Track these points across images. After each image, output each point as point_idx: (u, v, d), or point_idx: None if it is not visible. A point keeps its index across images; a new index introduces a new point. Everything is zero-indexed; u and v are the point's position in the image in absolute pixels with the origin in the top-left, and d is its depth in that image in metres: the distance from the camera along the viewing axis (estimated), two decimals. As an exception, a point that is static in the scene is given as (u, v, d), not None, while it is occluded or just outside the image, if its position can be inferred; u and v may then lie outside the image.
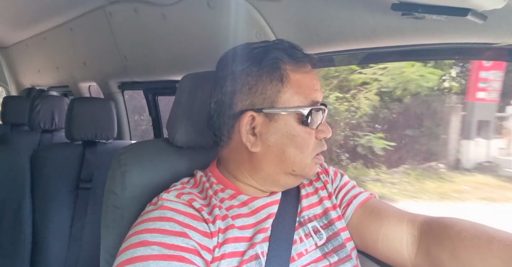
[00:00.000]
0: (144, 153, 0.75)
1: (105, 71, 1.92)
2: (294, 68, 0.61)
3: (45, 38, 2.20)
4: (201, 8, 1.06)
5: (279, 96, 0.60)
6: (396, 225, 0.65)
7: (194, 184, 0.66)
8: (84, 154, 1.44)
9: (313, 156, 0.63)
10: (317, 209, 0.69)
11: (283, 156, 0.61)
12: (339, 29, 0.80)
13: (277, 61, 0.61)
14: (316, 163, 0.64)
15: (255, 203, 0.63)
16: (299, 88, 0.60)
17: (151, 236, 0.52)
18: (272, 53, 0.61)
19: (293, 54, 0.62)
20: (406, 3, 0.58)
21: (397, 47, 0.77)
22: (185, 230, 0.54)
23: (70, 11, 1.69)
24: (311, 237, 0.65)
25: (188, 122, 0.74)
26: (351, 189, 0.73)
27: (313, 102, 0.61)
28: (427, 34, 0.68)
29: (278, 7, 0.89)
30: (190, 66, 1.32)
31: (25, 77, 3.06)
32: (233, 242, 0.57)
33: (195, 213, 0.57)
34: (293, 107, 0.60)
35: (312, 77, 0.63)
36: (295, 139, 0.60)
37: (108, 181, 0.73)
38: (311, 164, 0.63)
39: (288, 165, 0.62)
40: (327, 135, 0.63)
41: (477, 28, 0.60)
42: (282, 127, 0.60)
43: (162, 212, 0.56)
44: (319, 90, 0.63)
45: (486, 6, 0.52)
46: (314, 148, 0.62)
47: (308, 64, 0.63)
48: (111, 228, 0.69)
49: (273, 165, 0.62)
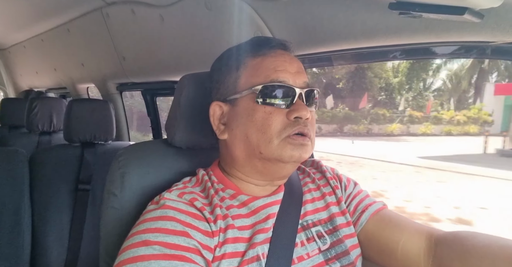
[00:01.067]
0: (143, 154, 0.75)
1: (103, 72, 1.91)
2: (253, 54, 0.63)
3: (43, 39, 2.19)
4: (199, 9, 1.06)
5: (237, 82, 0.63)
6: (415, 236, 0.66)
7: (196, 182, 0.66)
8: (82, 155, 1.44)
9: (283, 136, 0.59)
10: (322, 213, 0.68)
11: (246, 139, 0.61)
12: (337, 28, 0.80)
13: (237, 52, 0.65)
14: (291, 144, 0.59)
15: (254, 203, 0.63)
16: (256, 70, 0.62)
17: (153, 236, 0.52)
18: (237, 47, 0.66)
19: (257, 43, 0.64)
20: (404, 2, 0.58)
21: (395, 46, 0.77)
22: (187, 230, 0.54)
23: (67, 13, 1.69)
24: (314, 242, 0.64)
25: (187, 123, 0.74)
26: (365, 197, 0.73)
27: (273, 81, 0.60)
28: (424, 33, 0.68)
29: (276, 7, 0.89)
30: (189, 67, 1.32)
31: (23, 79, 3.05)
32: (232, 242, 0.57)
33: (196, 212, 0.57)
34: (247, 88, 0.61)
35: (275, 59, 0.62)
36: (254, 119, 0.60)
37: (107, 182, 0.72)
38: (281, 145, 0.59)
39: (254, 147, 0.60)
40: (299, 113, 0.59)
41: (474, 27, 0.61)
42: (241, 110, 0.62)
43: (164, 211, 0.56)
44: (284, 70, 0.61)
45: (483, 4, 0.52)
46: (283, 128, 0.59)
47: (276, 49, 0.64)
48: (111, 229, 0.69)
49: (242, 150, 0.62)
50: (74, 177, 1.39)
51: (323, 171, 0.76)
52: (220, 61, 0.68)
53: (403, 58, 0.93)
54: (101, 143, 1.52)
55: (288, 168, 0.63)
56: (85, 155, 1.44)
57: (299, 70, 0.63)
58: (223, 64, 0.66)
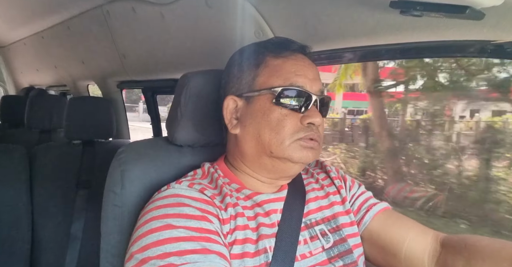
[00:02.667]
0: (144, 152, 0.75)
1: (103, 70, 1.91)
2: (275, 54, 0.64)
3: (43, 37, 2.19)
4: (200, 7, 1.05)
5: (256, 80, 0.64)
6: (421, 237, 0.67)
7: (203, 174, 0.67)
8: (83, 153, 1.44)
9: (295, 138, 0.61)
10: (325, 212, 0.69)
11: (259, 137, 0.62)
12: (338, 27, 0.80)
13: (258, 50, 0.66)
14: (302, 146, 0.61)
15: (258, 197, 0.64)
16: (276, 71, 0.63)
17: (174, 220, 0.52)
18: (258, 44, 0.68)
19: (279, 43, 0.66)
20: (404, 1, 0.58)
21: (395, 44, 0.77)
22: (205, 215, 0.55)
23: (68, 10, 1.68)
24: (318, 240, 0.65)
25: (187, 121, 0.74)
26: (369, 198, 0.75)
27: (292, 85, 0.61)
28: (425, 31, 0.68)
29: (277, 5, 0.89)
30: (189, 65, 1.32)
31: (23, 76, 3.05)
32: (242, 229, 0.58)
33: (208, 199, 0.58)
34: (266, 88, 0.62)
35: (296, 63, 0.63)
36: (269, 119, 0.61)
37: (107, 180, 0.73)
38: (292, 146, 0.61)
39: (265, 146, 0.62)
40: (313, 120, 0.61)
41: (475, 26, 0.60)
42: (257, 108, 0.63)
43: (178, 198, 0.56)
44: (304, 76, 0.62)
45: (485, 3, 0.52)
46: (296, 131, 0.61)
47: (297, 53, 0.65)
48: (111, 226, 0.69)
49: (253, 147, 0.63)
50: (74, 175, 1.40)
51: (327, 171, 0.76)
52: (240, 56, 0.69)
53: (404, 57, 0.93)
54: (101, 140, 1.52)
55: (296, 168, 0.65)
56: (85, 153, 1.44)
57: (316, 76, 0.65)
58: (243, 59, 0.67)
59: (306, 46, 0.68)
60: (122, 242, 0.66)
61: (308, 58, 0.67)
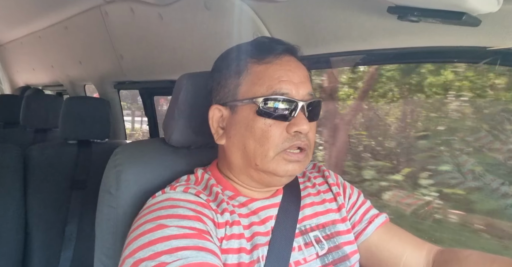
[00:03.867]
0: (140, 152, 0.75)
1: (100, 70, 1.90)
2: (257, 60, 0.60)
3: (40, 36, 2.18)
4: (198, 9, 1.06)
5: (238, 89, 0.61)
6: (417, 251, 0.69)
7: (196, 181, 0.65)
8: (78, 153, 1.43)
9: (280, 150, 0.58)
10: (321, 218, 0.68)
11: (244, 148, 0.60)
12: (336, 31, 0.81)
13: (240, 55, 0.62)
14: (286, 160, 0.58)
15: (253, 204, 0.63)
16: (259, 79, 0.59)
17: (167, 221, 0.51)
18: (240, 49, 0.64)
19: (262, 47, 0.61)
20: (402, 7, 0.59)
21: (393, 49, 0.78)
22: (199, 215, 0.54)
23: (65, 10, 1.68)
24: (312, 246, 0.64)
25: (184, 122, 0.74)
26: (370, 208, 0.74)
27: (276, 93, 0.57)
28: (422, 37, 0.69)
29: (275, 8, 0.90)
30: (187, 67, 1.32)
31: (20, 75, 3.03)
32: (238, 238, 0.57)
33: (204, 202, 0.58)
34: (248, 98, 0.59)
35: (280, 68, 0.59)
36: (253, 130, 0.58)
37: (103, 180, 0.72)
38: (277, 159, 0.58)
39: (250, 158, 0.59)
40: (299, 128, 0.57)
41: (471, 32, 0.61)
42: (241, 119, 0.60)
43: (172, 202, 0.55)
44: (288, 81, 0.58)
45: (481, 10, 0.53)
46: (281, 142, 0.58)
47: (283, 56, 0.61)
48: (106, 228, 0.69)
49: (239, 158, 0.61)
50: (69, 175, 1.38)
51: (325, 176, 0.75)
52: (222, 62, 0.65)
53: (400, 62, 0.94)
54: (97, 141, 1.51)
55: (283, 180, 0.63)
56: (81, 153, 1.43)
57: (303, 79, 0.61)
58: (224, 66, 0.64)
59: (293, 47, 0.64)
60: (116, 244, 0.66)
61: (296, 58, 0.64)
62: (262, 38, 0.65)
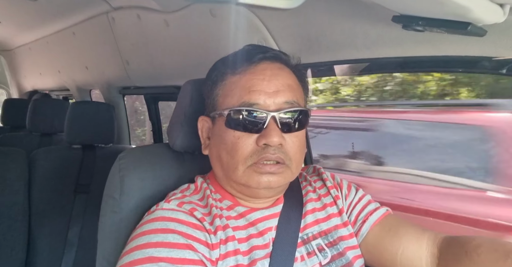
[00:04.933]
0: (144, 157, 0.75)
1: (106, 76, 1.92)
2: (232, 70, 0.60)
3: (48, 42, 2.21)
4: (204, 16, 1.07)
5: (216, 100, 0.61)
6: (415, 244, 0.63)
7: (195, 190, 0.64)
8: (83, 157, 1.43)
9: (249, 163, 0.56)
10: (322, 225, 0.66)
11: (220, 160, 0.59)
12: (340, 39, 0.81)
13: (220, 67, 0.63)
14: (256, 172, 0.56)
15: (252, 215, 0.61)
16: (231, 90, 0.58)
17: (156, 251, 0.50)
18: (222, 61, 0.64)
19: (240, 55, 0.61)
20: (407, 16, 0.59)
21: (397, 58, 0.78)
22: (190, 242, 0.52)
23: (73, 16, 1.70)
24: (315, 256, 0.61)
25: (189, 127, 0.74)
26: (366, 204, 0.70)
27: (244, 104, 0.56)
28: (427, 46, 0.69)
29: (280, 16, 0.91)
30: (192, 73, 1.32)
31: (27, 80, 3.07)
32: (234, 255, 0.55)
33: (197, 223, 0.55)
34: (221, 109, 0.59)
35: (253, 77, 0.57)
36: (225, 142, 0.58)
37: (107, 185, 0.72)
38: (247, 172, 0.56)
39: (225, 170, 0.59)
40: (267, 140, 0.55)
41: (477, 42, 0.61)
42: (217, 130, 0.60)
43: (164, 223, 0.53)
44: (259, 91, 0.56)
45: (486, 20, 0.53)
46: (249, 155, 0.56)
47: (263, 63, 0.58)
48: (109, 233, 0.68)
49: (219, 170, 0.61)
50: (73, 179, 1.39)
51: (323, 179, 0.73)
52: (208, 74, 0.66)
53: (404, 71, 0.94)
54: (102, 145, 1.52)
55: (263, 192, 0.60)
56: (85, 157, 1.44)
57: (280, 88, 0.57)
58: (208, 77, 0.64)
59: (276, 54, 0.61)
60: (118, 250, 0.65)
61: (284, 65, 0.61)
62: (247, 47, 0.63)
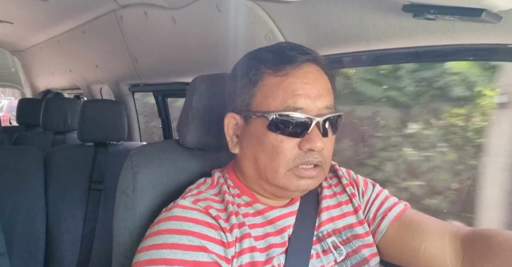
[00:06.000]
0: (155, 154, 0.76)
1: (116, 73, 1.95)
2: (273, 71, 0.57)
3: (59, 41, 2.25)
4: (211, 11, 1.06)
5: (253, 100, 0.59)
6: (437, 239, 0.62)
7: (211, 184, 0.64)
8: (95, 155, 1.46)
9: (291, 166, 0.56)
10: (337, 223, 0.66)
11: (255, 161, 0.59)
12: (349, 30, 0.80)
13: (256, 64, 0.60)
14: (297, 176, 0.56)
15: (271, 213, 0.61)
16: (273, 92, 0.57)
17: (172, 253, 0.51)
18: (257, 55, 0.62)
19: (280, 55, 0.58)
20: (418, 4, 0.57)
21: (408, 48, 0.76)
22: (204, 243, 0.52)
23: (82, 15, 1.72)
24: (331, 253, 0.62)
25: (198, 124, 0.75)
26: (384, 200, 0.70)
27: (289, 108, 0.55)
28: (439, 35, 0.67)
29: (287, 9, 0.89)
30: (200, 69, 1.33)
31: (40, 79, 3.13)
32: (249, 252, 0.55)
33: (212, 222, 0.56)
34: (261, 111, 0.57)
35: (296, 81, 0.56)
36: (264, 144, 0.57)
37: (119, 182, 0.74)
38: (288, 175, 0.57)
39: (261, 171, 0.58)
40: (312, 146, 0.55)
41: (491, 29, 0.59)
42: (253, 131, 0.59)
43: (179, 224, 0.54)
44: (304, 95, 0.56)
45: (501, 6, 0.51)
46: (292, 159, 0.56)
47: (302, 66, 0.57)
48: (123, 228, 0.70)
49: (251, 169, 0.60)
50: (87, 176, 1.42)
51: (339, 176, 0.73)
52: (237, 69, 0.63)
53: (416, 61, 0.92)
54: (113, 143, 1.54)
55: (296, 194, 0.62)
56: (98, 155, 1.46)
57: (322, 92, 0.57)
58: (239, 74, 0.62)
59: (316, 56, 0.60)
60: (133, 244, 0.67)
61: (320, 68, 0.60)
62: (282, 44, 0.62)
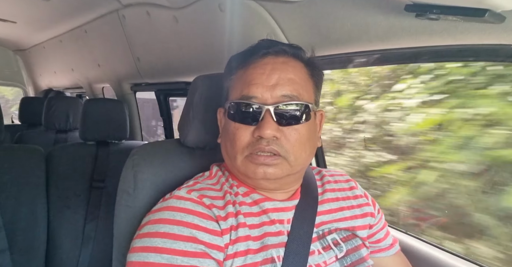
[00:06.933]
0: (157, 153, 0.76)
1: (118, 72, 1.95)
2: (242, 65, 0.63)
3: (61, 40, 2.26)
4: (212, 11, 1.06)
5: (228, 92, 0.65)
6: None
7: (208, 176, 0.67)
8: (97, 153, 1.46)
9: (246, 153, 0.59)
10: (339, 224, 0.68)
11: (225, 148, 0.64)
12: (351, 30, 0.79)
13: (232, 61, 0.66)
14: (252, 163, 0.58)
15: (266, 203, 0.63)
16: (237, 84, 0.62)
17: (162, 241, 0.52)
18: (235, 55, 0.67)
19: (249, 50, 0.64)
20: (420, 4, 0.57)
21: (410, 48, 0.76)
22: (194, 233, 0.54)
23: (85, 15, 1.73)
24: (331, 250, 0.63)
25: (199, 123, 0.75)
26: (385, 237, 0.77)
27: (243, 97, 0.59)
28: (441, 35, 0.66)
29: (289, 9, 0.89)
30: (202, 68, 1.33)
31: (42, 78, 3.14)
32: (244, 241, 0.57)
33: (204, 211, 0.57)
34: (229, 101, 0.63)
35: (254, 71, 0.60)
36: (227, 133, 0.62)
37: (121, 180, 0.74)
38: (244, 161, 0.59)
39: (228, 159, 0.63)
40: (261, 132, 0.56)
41: (495, 29, 0.59)
42: (224, 121, 0.65)
43: (172, 214, 0.55)
44: (258, 84, 0.58)
45: (505, 6, 0.50)
46: (246, 146, 0.58)
47: (263, 58, 0.60)
48: (124, 227, 0.70)
49: (226, 158, 0.65)
50: (88, 175, 1.42)
51: (351, 187, 0.75)
52: (226, 67, 0.69)
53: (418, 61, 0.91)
54: (115, 142, 1.55)
55: (263, 183, 0.61)
56: (99, 154, 1.46)
57: (279, 81, 0.59)
58: (225, 71, 0.68)
59: (279, 47, 0.62)
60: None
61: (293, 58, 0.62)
62: (260, 41, 0.66)
